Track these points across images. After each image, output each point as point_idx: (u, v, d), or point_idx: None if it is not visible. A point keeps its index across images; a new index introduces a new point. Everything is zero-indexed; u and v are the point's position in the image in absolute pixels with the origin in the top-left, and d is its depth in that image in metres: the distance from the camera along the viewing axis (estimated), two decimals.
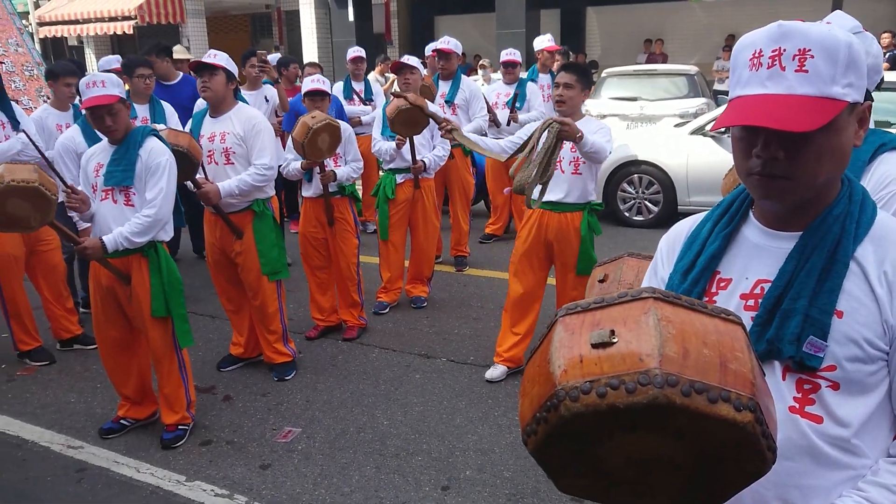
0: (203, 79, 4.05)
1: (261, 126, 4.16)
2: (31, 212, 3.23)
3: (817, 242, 1.20)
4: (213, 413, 4.02)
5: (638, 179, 7.74)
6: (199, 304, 5.72)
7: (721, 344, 0.96)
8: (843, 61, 1.12)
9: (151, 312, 3.52)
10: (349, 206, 4.85)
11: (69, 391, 4.35)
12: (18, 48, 7.40)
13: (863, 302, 1.17)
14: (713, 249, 1.31)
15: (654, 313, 0.97)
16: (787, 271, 1.21)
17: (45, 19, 19.32)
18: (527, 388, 1.05)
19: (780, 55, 1.13)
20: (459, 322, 5.23)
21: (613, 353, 0.95)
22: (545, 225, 4.08)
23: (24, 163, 3.39)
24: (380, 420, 3.88)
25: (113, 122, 3.42)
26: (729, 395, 0.92)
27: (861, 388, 1.17)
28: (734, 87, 1.20)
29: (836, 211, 1.21)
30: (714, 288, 1.30)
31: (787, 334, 1.18)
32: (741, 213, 1.32)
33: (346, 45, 15.52)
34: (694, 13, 17.59)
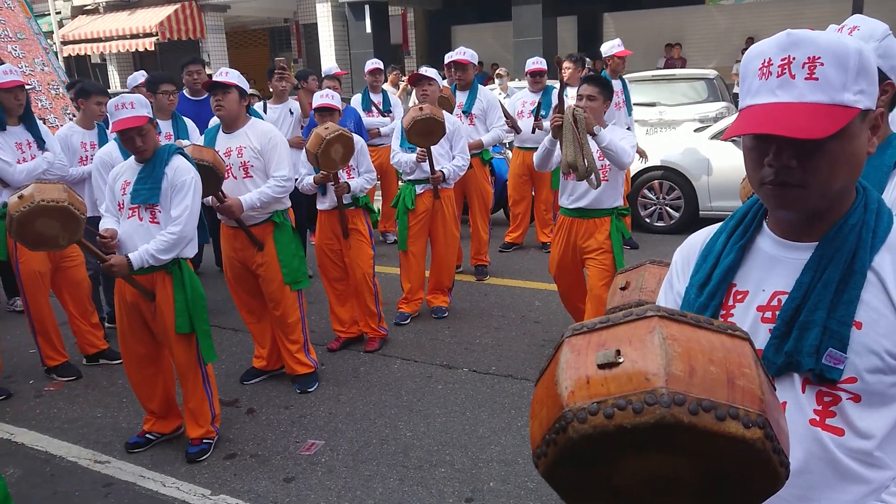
0: (217, 97, 4.10)
1: (277, 139, 4.21)
2: (59, 231, 3.28)
3: (834, 253, 1.18)
4: (237, 426, 4.04)
5: (658, 185, 7.70)
6: (222, 317, 5.76)
7: (728, 360, 0.96)
8: (853, 68, 1.11)
9: (176, 329, 3.56)
10: (363, 218, 4.88)
11: (96, 406, 4.40)
12: (45, 67, 7.54)
13: (882, 312, 1.15)
14: (729, 262, 1.29)
15: (660, 332, 0.97)
16: (805, 283, 1.19)
17: (69, 38, 19.68)
18: (536, 410, 1.05)
19: (789, 63, 1.12)
20: (481, 332, 5.22)
21: (620, 373, 0.95)
22: (574, 232, 4.26)
23: (52, 182, 3.44)
24: (402, 431, 3.88)
25: (143, 142, 3.48)
26: (737, 411, 0.91)
27: (882, 400, 1.16)
28: (744, 97, 1.19)
29: (852, 221, 1.19)
30: (731, 301, 1.28)
31: (806, 346, 1.16)
32: (755, 225, 1.31)
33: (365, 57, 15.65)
34: (712, 16, 17.48)
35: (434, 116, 4.83)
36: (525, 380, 4.39)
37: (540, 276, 6.39)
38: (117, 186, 3.62)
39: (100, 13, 20.29)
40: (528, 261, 6.92)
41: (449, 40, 19.82)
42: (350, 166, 4.79)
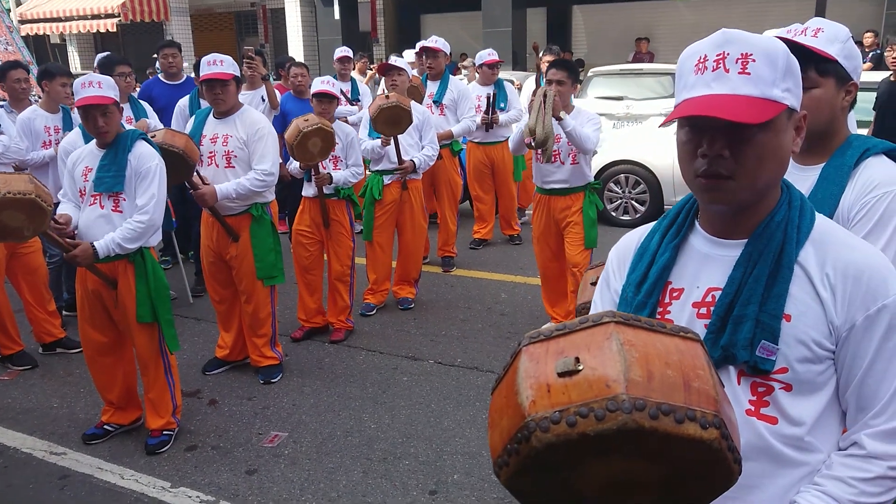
0: (216, 91, 4.01)
1: (265, 131, 4.12)
2: (24, 222, 3.19)
3: (762, 248, 1.24)
4: (199, 417, 3.98)
5: (624, 179, 7.76)
6: (184, 306, 5.67)
7: (683, 363, 0.99)
8: (782, 67, 1.19)
9: (137, 318, 3.49)
10: (345, 209, 4.84)
11: (52, 396, 4.30)
12: (8, 47, 7.31)
13: (809, 305, 1.21)
14: (664, 260, 1.34)
15: (617, 338, 0.99)
16: (736, 278, 1.25)
17: (27, 17, 19.10)
18: (495, 419, 1.05)
19: (724, 58, 1.19)
20: (447, 324, 5.22)
21: (580, 380, 0.96)
22: (552, 208, 4.65)
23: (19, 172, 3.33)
24: (367, 424, 3.86)
25: (105, 123, 3.39)
26: (695, 413, 0.94)
27: (811, 388, 1.23)
28: (680, 93, 1.24)
29: (778, 217, 1.26)
30: (667, 298, 1.34)
31: (741, 340, 1.22)
32: (688, 224, 1.37)
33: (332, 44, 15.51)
34: (680, 12, 17.64)
35: (400, 105, 4.79)
36: (490, 372, 4.40)
37: (506, 268, 6.41)
38: (77, 172, 3.53)
39: None
40: (495, 253, 6.93)
41: (418, 29, 19.71)
42: (337, 157, 4.75)
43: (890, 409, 1.21)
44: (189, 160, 3.83)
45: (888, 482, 1.21)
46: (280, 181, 6.93)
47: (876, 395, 1.21)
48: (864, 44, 12.05)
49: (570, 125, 4.27)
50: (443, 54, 6.33)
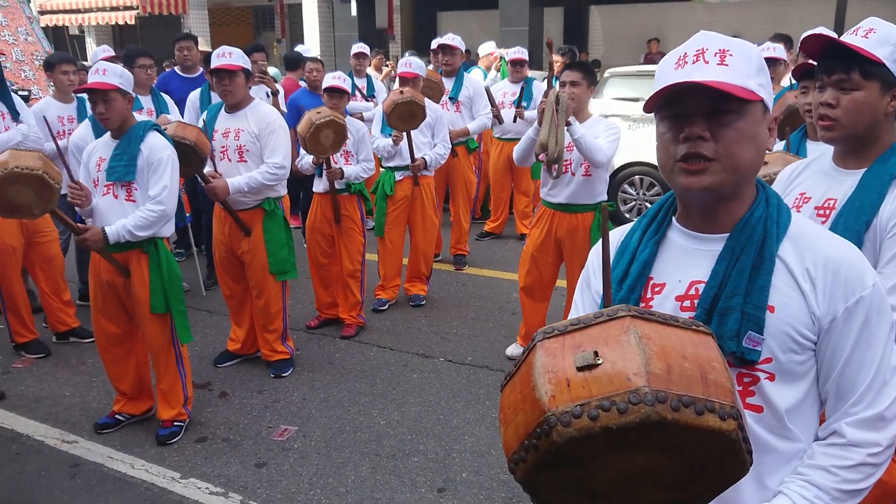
0: (224, 83, 4.01)
1: (276, 125, 4.12)
2: (33, 199, 3.23)
3: (745, 242, 1.28)
4: (209, 409, 4.00)
5: (639, 181, 7.72)
6: (197, 298, 5.69)
7: (699, 356, 1.00)
8: (755, 64, 1.26)
9: (150, 309, 3.51)
10: (356, 205, 4.85)
11: (65, 385, 4.33)
12: (28, 37, 7.36)
13: (791, 296, 1.25)
14: (645, 256, 1.37)
15: (634, 331, 0.99)
16: (720, 271, 1.28)
17: (47, 8, 19.23)
18: (509, 415, 1.05)
19: (703, 52, 1.25)
20: (458, 322, 5.21)
21: (600, 374, 0.96)
22: (556, 225, 4.18)
23: (29, 150, 3.37)
24: (376, 420, 3.86)
25: (106, 109, 3.39)
26: (713, 405, 0.95)
27: (793, 377, 1.27)
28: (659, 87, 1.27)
29: (758, 213, 1.30)
30: (649, 293, 1.36)
31: (727, 331, 1.25)
32: (667, 221, 1.40)
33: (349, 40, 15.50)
34: (697, 13, 17.53)
35: (415, 100, 4.80)
36: (501, 371, 4.40)
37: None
38: (91, 163, 3.55)
39: None
40: (507, 252, 6.92)
41: (435, 26, 19.68)
42: (349, 152, 4.75)
43: (868, 397, 1.25)
44: (200, 152, 3.84)
45: (868, 468, 1.25)
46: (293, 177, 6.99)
47: (854, 385, 1.26)
48: None
49: (579, 133, 3.85)
50: (459, 52, 6.34)
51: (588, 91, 4.04)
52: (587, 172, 4.03)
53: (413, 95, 4.81)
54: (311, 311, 5.27)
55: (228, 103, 4.13)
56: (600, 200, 4.13)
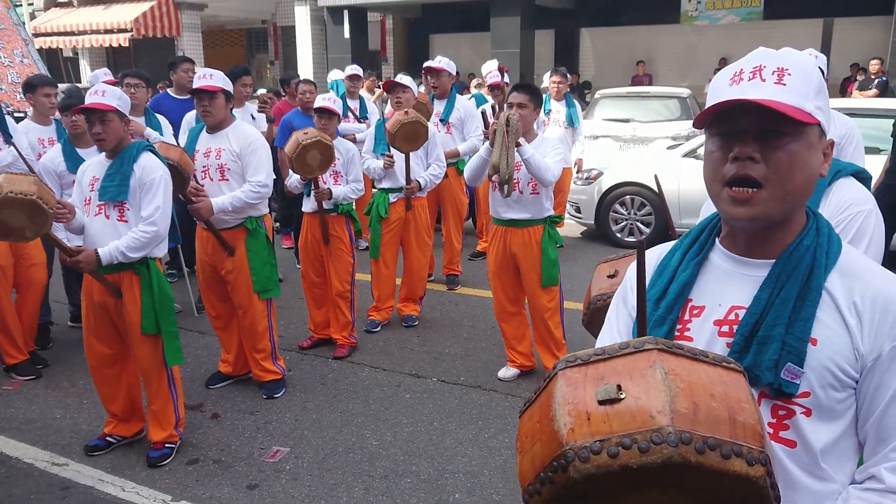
0: (203, 103, 4.05)
1: (257, 144, 4.16)
2: (26, 223, 3.23)
3: (791, 271, 1.23)
4: (201, 431, 3.98)
5: (630, 201, 7.77)
6: (189, 319, 5.68)
7: (727, 396, 0.95)
8: (815, 85, 1.20)
9: (141, 330, 3.50)
10: (345, 225, 4.86)
11: (55, 406, 4.31)
12: (24, 59, 7.38)
13: (835, 330, 1.19)
14: (685, 277, 1.33)
15: (661, 366, 0.95)
16: (763, 298, 1.23)
17: (41, 30, 19.34)
18: (525, 444, 1.01)
19: (760, 70, 1.20)
20: (450, 342, 5.22)
21: (622, 409, 0.92)
22: (509, 241, 4.32)
23: (24, 174, 3.37)
24: (369, 440, 3.86)
25: (102, 130, 3.41)
26: (741, 449, 0.91)
27: (831, 415, 1.20)
28: (712, 103, 1.24)
29: (807, 241, 1.25)
30: (687, 315, 1.32)
31: (765, 361, 1.19)
32: (710, 243, 1.36)
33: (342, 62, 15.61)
34: (686, 36, 17.77)
35: (419, 120, 4.85)
36: (493, 391, 4.40)
37: None
38: (85, 181, 3.56)
39: (73, 6, 19.98)
40: None
41: (427, 48, 19.87)
42: (338, 173, 4.78)
43: None
44: (184, 172, 3.87)
45: None
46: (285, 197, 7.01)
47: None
48: (871, 70, 12.11)
49: (528, 153, 3.97)
50: (447, 74, 6.40)
51: (535, 112, 4.18)
52: (535, 190, 4.19)
53: (417, 116, 4.86)
54: (304, 332, 5.27)
55: (208, 124, 4.16)
56: (548, 215, 4.30)
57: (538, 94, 4.22)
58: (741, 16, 15.70)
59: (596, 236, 8.17)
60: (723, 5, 15.82)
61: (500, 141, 3.94)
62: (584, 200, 8.02)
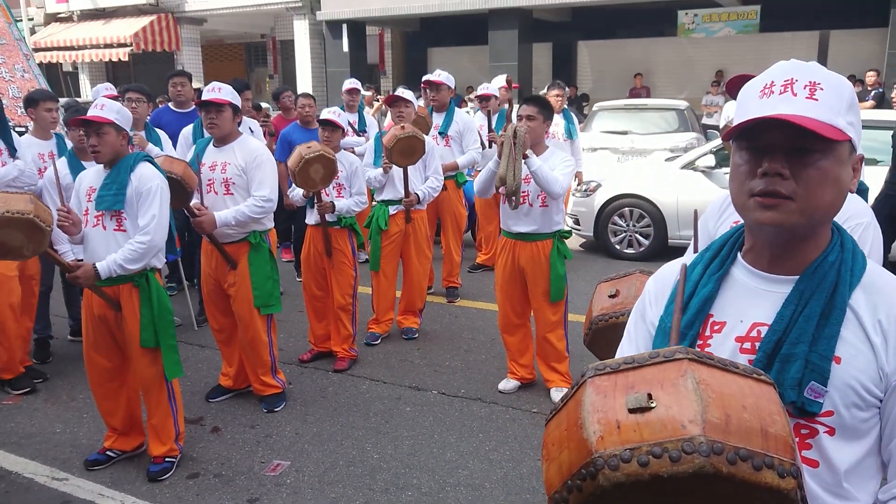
0: (210, 115, 4.07)
1: (263, 158, 4.18)
2: (24, 242, 3.22)
3: (815, 287, 1.21)
4: (201, 445, 3.97)
5: (629, 213, 7.79)
6: (189, 332, 5.68)
7: (759, 407, 0.95)
8: (847, 100, 1.18)
9: (141, 343, 3.50)
10: (348, 238, 4.88)
11: (55, 421, 4.30)
12: (25, 74, 7.42)
13: (859, 349, 1.18)
14: (706, 292, 1.30)
15: (692, 376, 0.95)
16: (786, 316, 1.21)
17: (41, 45, 19.42)
18: (552, 452, 1.01)
19: (792, 83, 1.17)
20: (451, 354, 5.22)
21: (653, 418, 0.92)
22: (517, 255, 4.31)
23: (21, 191, 3.38)
24: (370, 454, 3.85)
25: (98, 142, 3.41)
26: (773, 461, 0.90)
27: (855, 434, 1.18)
28: (741, 117, 1.21)
29: (832, 258, 1.23)
30: (708, 331, 1.29)
31: (788, 379, 1.17)
32: (732, 257, 1.33)
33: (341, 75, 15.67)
34: (683, 48, 17.87)
35: (416, 135, 4.87)
36: (494, 403, 4.39)
37: None
38: (82, 191, 3.57)
39: (74, 21, 20.08)
40: None
41: (425, 62, 19.97)
42: (341, 185, 4.80)
43: None
44: (187, 186, 3.88)
45: None
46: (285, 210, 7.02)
47: None
48: (867, 82, 12.19)
49: (536, 165, 3.98)
50: (446, 87, 6.45)
51: (544, 125, 4.18)
52: (544, 203, 4.18)
53: (414, 131, 4.88)
54: (304, 345, 5.27)
55: (215, 136, 4.18)
56: (557, 229, 4.29)
57: (548, 107, 4.23)
58: (738, 28, 15.80)
59: (595, 248, 8.18)
60: (719, 18, 15.93)
61: (508, 153, 3.96)
62: (583, 212, 8.04)
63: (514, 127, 3.99)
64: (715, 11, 15.85)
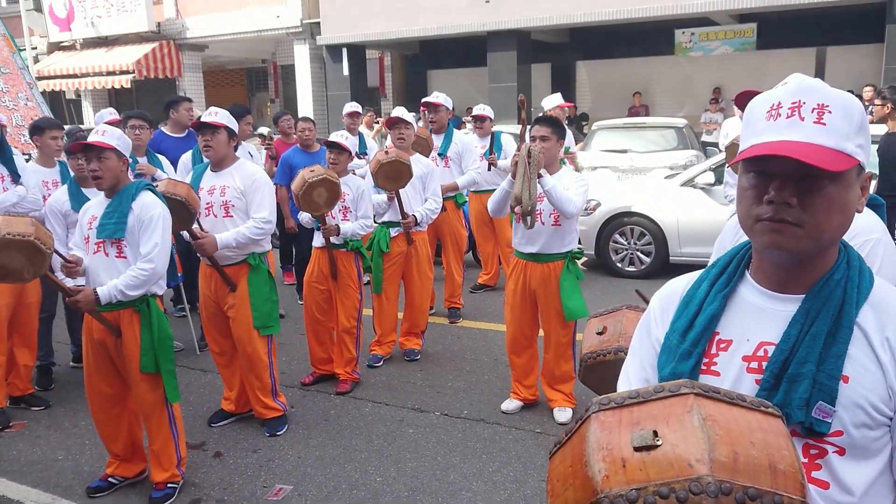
0: (206, 137, 4.12)
1: (261, 181, 4.22)
2: (24, 264, 3.24)
3: (821, 306, 1.20)
4: (204, 470, 3.96)
5: (630, 231, 7.80)
6: (191, 357, 5.68)
7: (767, 443, 0.93)
8: (857, 122, 1.16)
9: (141, 368, 3.50)
10: (353, 262, 4.89)
11: (57, 448, 4.29)
12: (28, 102, 7.51)
13: (867, 367, 1.17)
14: (712, 310, 1.29)
15: (698, 411, 0.93)
16: (793, 335, 1.20)
17: (45, 74, 19.61)
18: (557, 489, 0.99)
19: (799, 107, 1.16)
20: (453, 375, 5.20)
21: (659, 457, 0.90)
22: (528, 276, 4.30)
23: (22, 215, 3.40)
24: (372, 477, 3.83)
25: (99, 167, 3.43)
26: (782, 499, 0.89)
27: (865, 454, 1.17)
28: (748, 139, 1.21)
29: (837, 276, 1.22)
30: (714, 349, 1.28)
31: (796, 399, 1.16)
32: (738, 274, 1.32)
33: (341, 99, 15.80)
34: (681, 67, 17.98)
35: (399, 159, 4.86)
36: (497, 424, 4.38)
37: None
38: (84, 221, 3.60)
39: (76, 49, 20.29)
40: (501, 304, 6.91)
41: (425, 84, 20.10)
42: (347, 208, 4.82)
43: None
44: (191, 208, 3.91)
45: None
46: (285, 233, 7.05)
47: None
48: (864, 97, 12.22)
49: (550, 184, 4.00)
50: (444, 109, 6.50)
51: (557, 145, 4.21)
52: (557, 222, 4.18)
53: (397, 155, 4.88)
54: (306, 368, 5.27)
55: (210, 158, 4.22)
56: (569, 249, 4.27)
57: (561, 127, 4.26)
58: (735, 46, 15.90)
59: (596, 266, 8.18)
60: (716, 36, 16.04)
61: (522, 173, 3.97)
62: (583, 231, 8.04)
63: (528, 147, 4.00)
64: (712, 30, 15.97)
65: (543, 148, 4.08)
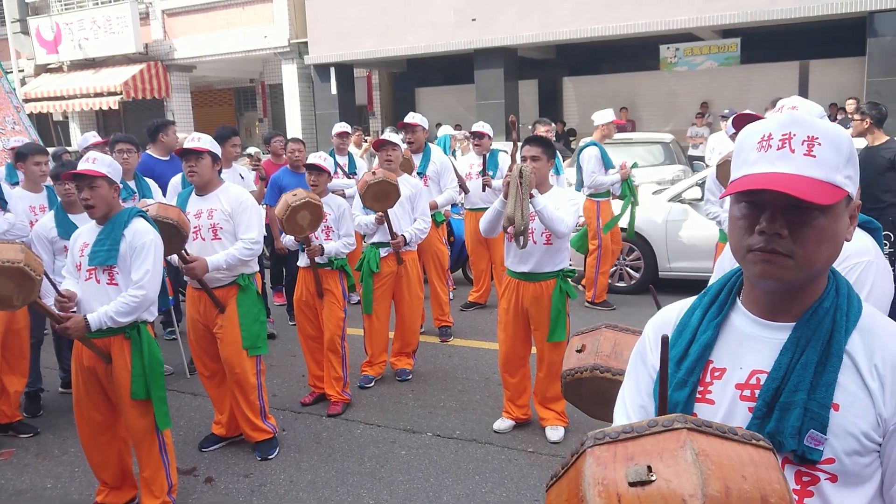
0: (190, 163, 4.13)
1: (248, 203, 4.24)
2: (14, 291, 3.22)
3: (811, 335, 1.22)
4: (194, 496, 3.93)
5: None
6: (181, 381, 5.64)
7: (758, 476, 0.95)
8: (845, 154, 1.19)
9: (131, 395, 3.48)
10: (338, 279, 4.90)
11: (46, 476, 4.24)
12: (15, 126, 7.49)
13: (857, 395, 1.18)
14: (706, 339, 1.31)
15: (691, 447, 0.95)
16: (784, 363, 1.22)
17: (32, 96, 19.58)
18: None
19: (790, 138, 1.18)
20: (445, 395, 5.19)
21: (653, 492, 0.92)
22: (521, 295, 4.31)
23: (11, 241, 3.39)
24: (365, 500, 3.81)
25: (90, 195, 3.43)
26: None
27: (857, 480, 1.19)
28: (739, 168, 1.23)
29: (826, 303, 1.24)
30: (708, 377, 1.30)
31: (788, 427, 1.18)
32: (730, 302, 1.34)
33: (330, 117, 15.84)
34: (666, 82, 18.15)
35: (387, 180, 4.90)
36: (489, 444, 4.37)
37: None
38: (76, 248, 3.59)
39: (63, 71, 20.28)
40: (492, 321, 6.93)
41: (413, 102, 20.20)
42: (329, 228, 4.85)
43: None
44: (183, 231, 3.92)
45: None
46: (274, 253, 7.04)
47: None
48: (847, 110, 12.37)
49: (541, 204, 4.03)
50: (421, 129, 6.56)
51: (548, 164, 4.25)
52: (548, 241, 4.20)
53: (384, 175, 4.91)
54: (298, 390, 5.25)
55: (195, 184, 4.23)
56: (561, 268, 4.29)
57: (551, 147, 4.31)
58: (719, 61, 16.08)
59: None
60: (701, 51, 16.22)
61: (515, 193, 3.98)
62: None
63: (519, 167, 4.02)
64: (696, 45, 16.15)
65: (534, 168, 4.11)
